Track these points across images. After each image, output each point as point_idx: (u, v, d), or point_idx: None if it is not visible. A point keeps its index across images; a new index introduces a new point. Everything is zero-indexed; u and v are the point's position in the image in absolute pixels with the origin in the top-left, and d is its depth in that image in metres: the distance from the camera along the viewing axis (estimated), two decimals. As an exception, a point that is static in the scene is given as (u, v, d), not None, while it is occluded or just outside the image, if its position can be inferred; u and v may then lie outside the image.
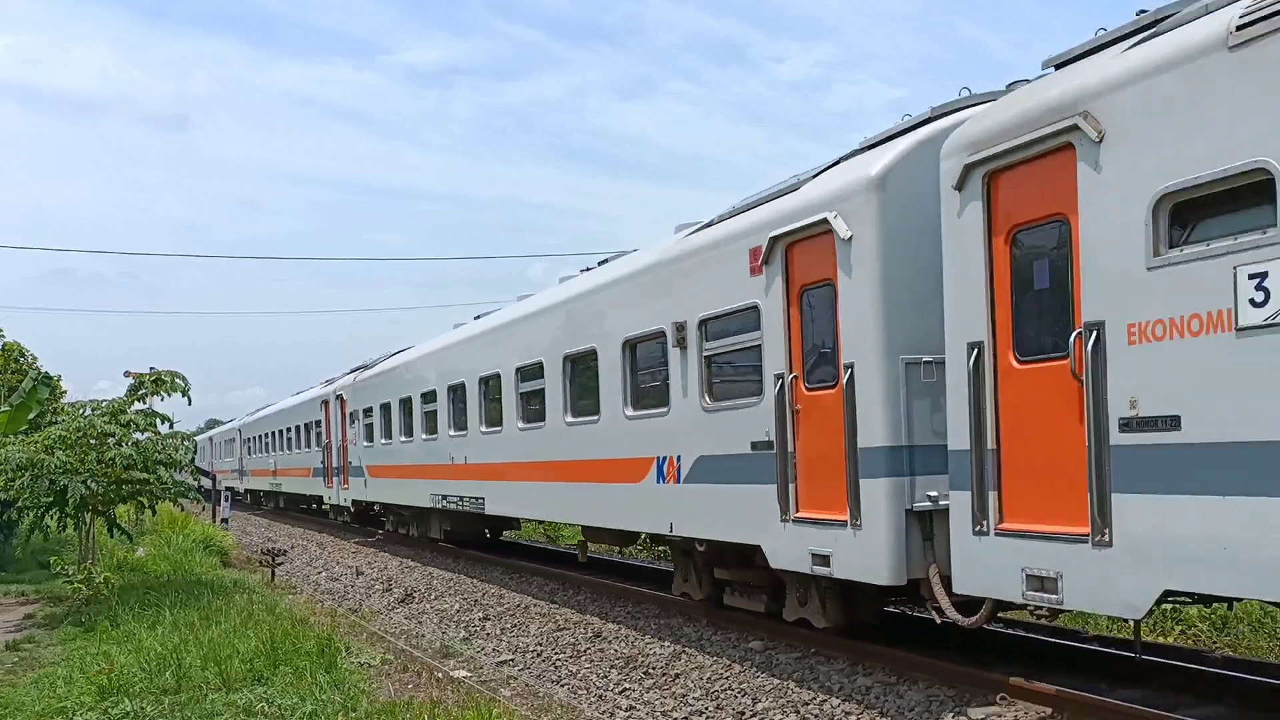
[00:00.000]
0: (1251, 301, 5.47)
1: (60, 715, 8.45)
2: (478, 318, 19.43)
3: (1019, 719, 7.49)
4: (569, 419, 13.76)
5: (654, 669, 10.02)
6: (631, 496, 12.02)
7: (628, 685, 9.58)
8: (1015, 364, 7.12)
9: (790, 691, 8.75)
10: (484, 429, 16.91)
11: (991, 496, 7.20)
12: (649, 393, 11.85)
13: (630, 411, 12.15)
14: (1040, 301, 6.95)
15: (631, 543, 15.19)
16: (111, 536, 17.36)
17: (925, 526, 8.07)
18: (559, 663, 10.78)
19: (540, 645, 11.63)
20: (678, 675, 9.70)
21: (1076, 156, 6.49)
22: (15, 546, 20.45)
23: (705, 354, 10.60)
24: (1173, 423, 5.93)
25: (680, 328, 10.87)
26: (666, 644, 10.97)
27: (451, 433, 18.52)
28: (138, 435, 15.92)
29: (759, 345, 9.64)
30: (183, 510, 27.63)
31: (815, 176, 9.44)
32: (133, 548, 19.85)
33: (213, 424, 78.05)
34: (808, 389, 9.12)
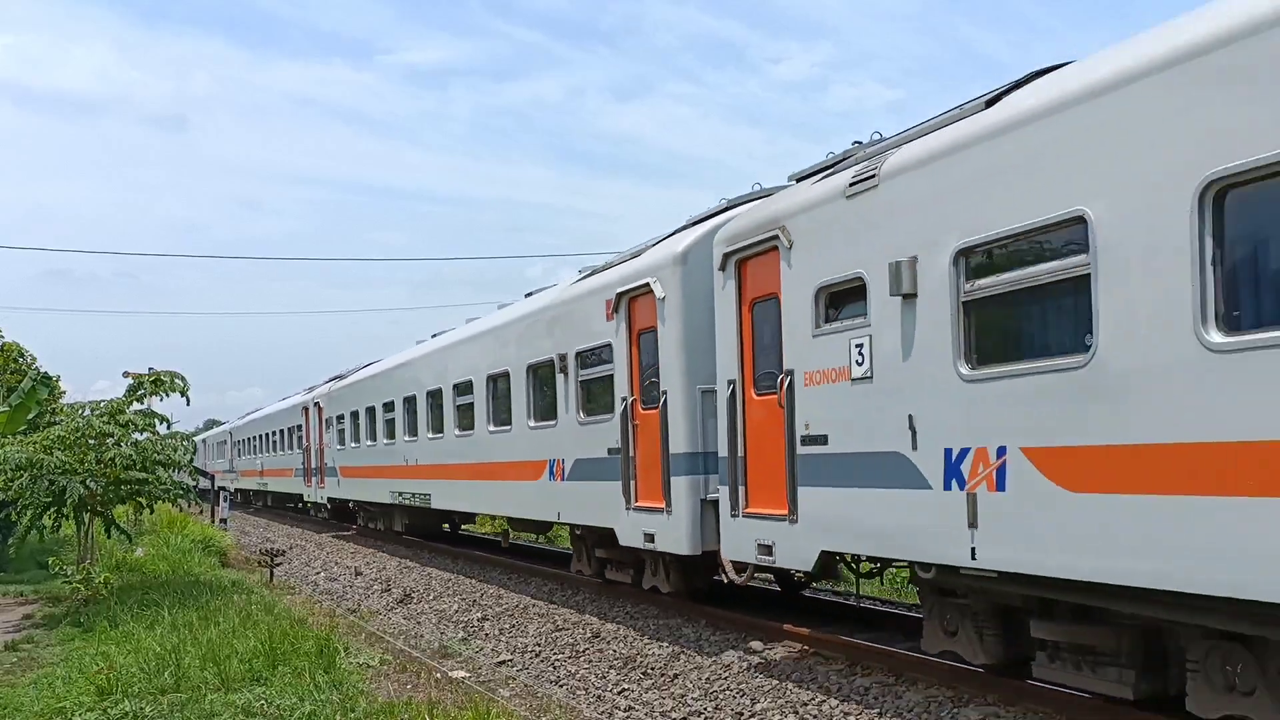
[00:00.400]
0: (856, 361, 8.33)
1: (59, 715, 8.45)
2: (434, 335, 22.37)
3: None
4: (491, 428, 16.70)
5: (653, 669, 10.03)
6: (533, 491, 15.00)
7: (626, 685, 9.59)
8: (754, 396, 9.91)
9: (789, 692, 8.76)
10: (430, 435, 19.92)
11: (740, 490, 10.03)
12: (545, 408, 14.72)
13: (532, 423, 15.07)
14: (766, 354, 9.70)
15: (545, 530, 17.64)
16: (110, 537, 17.35)
17: (715, 512, 10.61)
18: (557, 663, 10.78)
19: (539, 645, 11.64)
20: (676, 675, 9.70)
21: (779, 255, 9.29)
22: (11, 546, 20.43)
23: (580, 379, 13.53)
24: (824, 440, 8.75)
25: (563, 358, 13.83)
26: (665, 644, 10.98)
27: (406, 438, 21.60)
28: (137, 435, 15.92)
29: (612, 374, 12.58)
30: (181, 511, 27.65)
31: (652, 246, 12.36)
32: (131, 548, 19.85)
33: (211, 424, 78.12)
34: (642, 409, 12.01)
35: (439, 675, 9.98)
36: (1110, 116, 6.20)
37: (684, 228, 12.17)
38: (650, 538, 11.72)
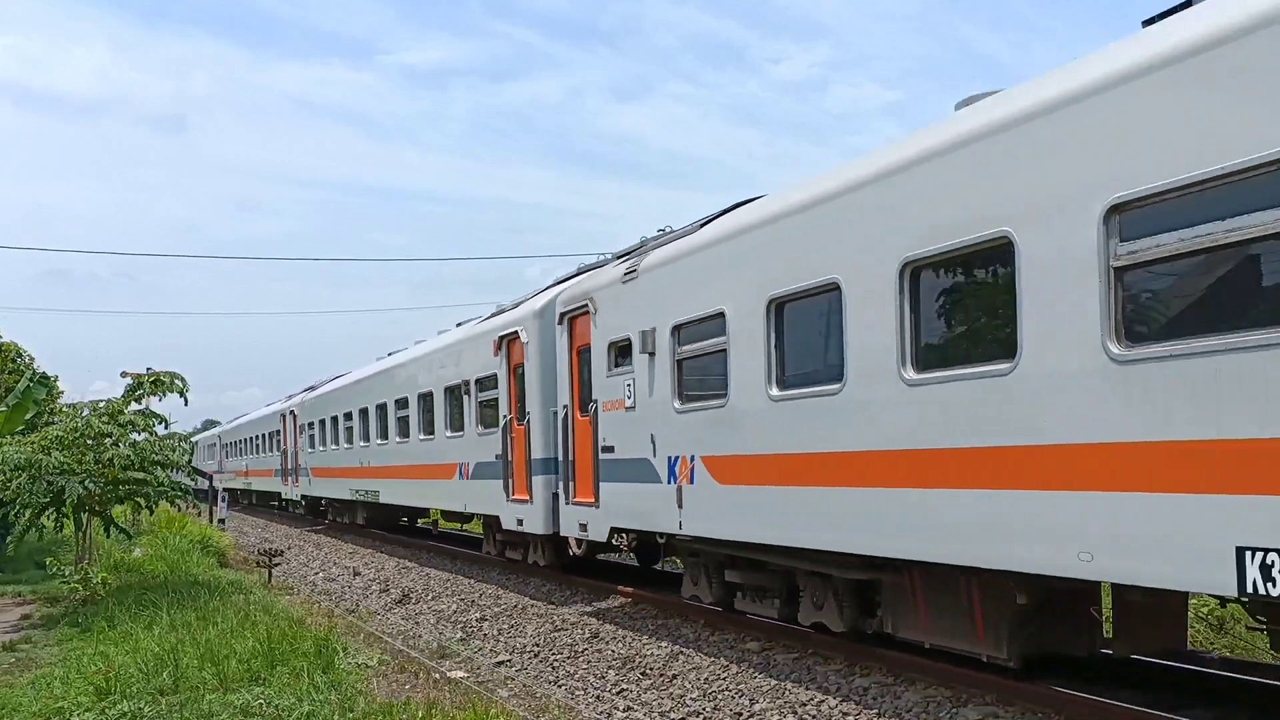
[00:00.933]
0: (626, 395, 11.91)
1: (58, 716, 8.45)
2: (389, 354, 25.79)
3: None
4: (421, 436, 20.55)
5: (651, 669, 10.03)
6: (450, 488, 18.86)
7: (625, 686, 9.59)
8: (579, 417, 13.37)
9: (788, 692, 8.76)
10: (379, 441, 23.79)
11: (570, 485, 13.63)
12: (456, 421, 18.51)
13: (449, 433, 18.86)
14: (585, 387, 13.17)
15: (465, 519, 21.40)
16: (108, 537, 17.34)
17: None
18: (556, 663, 10.77)
19: (537, 646, 11.63)
20: (675, 676, 9.70)
21: (590, 317, 12.86)
22: (9, 546, 20.42)
23: (478, 400, 17.26)
24: (613, 449, 12.32)
25: (466, 383, 17.71)
26: (664, 645, 10.98)
27: (361, 443, 25.47)
28: (135, 436, 15.91)
29: (497, 398, 16.31)
30: (180, 511, 27.63)
31: (527, 299, 16.03)
32: (130, 548, 19.83)
33: (210, 424, 78.11)
34: (517, 424, 15.51)
35: (437, 675, 9.97)
36: (737, 250, 10.04)
37: (550, 286, 16.00)
38: (521, 522, 15.51)
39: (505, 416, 15.93)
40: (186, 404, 17.94)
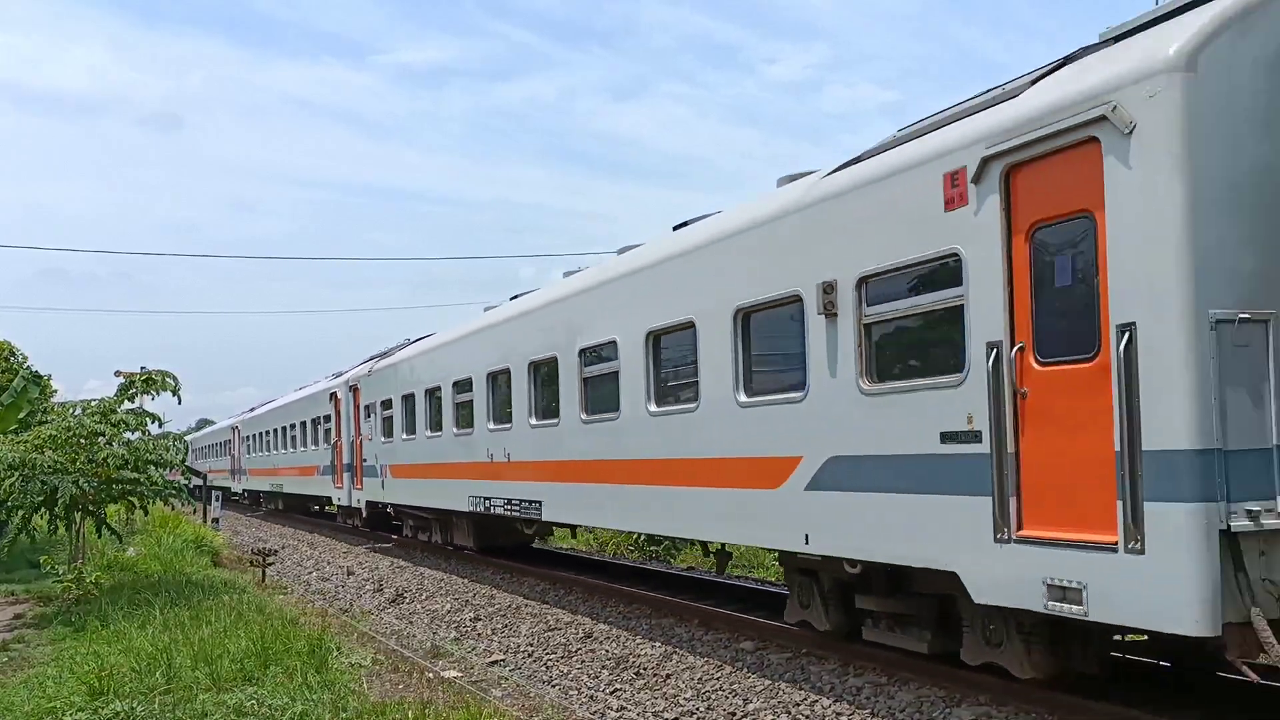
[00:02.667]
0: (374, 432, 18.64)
1: (50, 715, 8.43)
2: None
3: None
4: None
5: (645, 669, 10.03)
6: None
7: (619, 686, 9.59)
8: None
9: (781, 692, 8.77)
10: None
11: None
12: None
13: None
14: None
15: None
16: (101, 536, 17.30)
17: None
18: (550, 663, 10.78)
19: (531, 645, 11.63)
20: (669, 676, 9.70)
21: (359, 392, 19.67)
22: (3, 547, 20.38)
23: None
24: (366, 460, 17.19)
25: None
26: (658, 644, 10.98)
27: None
28: (128, 435, 15.87)
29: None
30: (174, 510, 27.57)
31: (345, 371, 16.92)
32: (123, 548, 19.79)
33: (204, 423, 77.87)
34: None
35: (431, 675, 9.97)
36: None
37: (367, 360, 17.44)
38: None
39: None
40: (180, 403, 17.90)
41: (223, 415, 70.95)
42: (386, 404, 22.28)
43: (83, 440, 14.93)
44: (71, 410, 15.94)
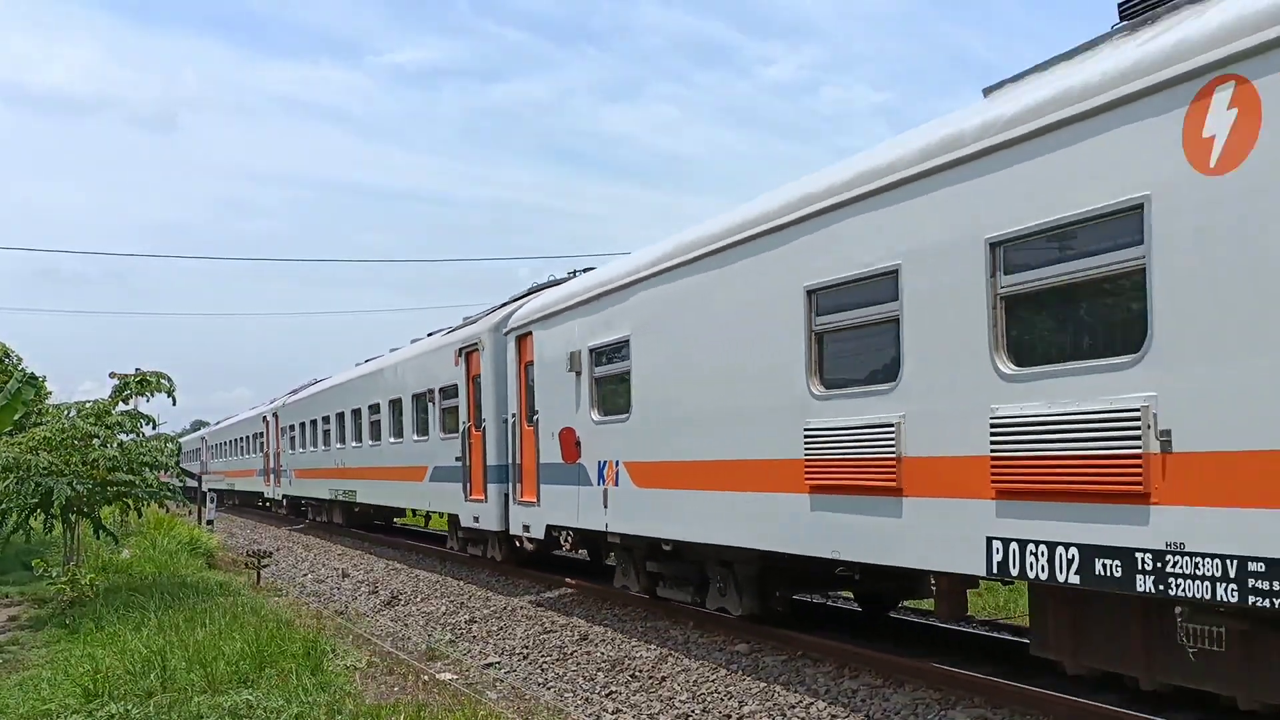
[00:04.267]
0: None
1: (45, 718, 8.42)
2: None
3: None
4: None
5: (640, 672, 10.04)
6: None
7: (614, 688, 9.60)
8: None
9: (776, 694, 8.78)
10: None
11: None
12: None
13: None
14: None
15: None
16: (97, 538, 17.27)
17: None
18: (545, 665, 10.78)
19: (526, 648, 11.63)
20: (664, 678, 9.71)
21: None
22: (1, 547, 20.33)
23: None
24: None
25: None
26: (653, 647, 10.98)
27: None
28: (122, 437, 15.85)
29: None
30: (168, 512, 27.55)
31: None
32: (118, 549, 19.75)
33: (199, 425, 77.82)
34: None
35: (426, 677, 9.96)
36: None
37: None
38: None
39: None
40: (175, 404, 17.90)
41: (216, 416, 70.91)
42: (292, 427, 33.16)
43: (77, 442, 14.91)
44: (66, 412, 15.91)
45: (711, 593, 11.32)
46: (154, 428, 16.94)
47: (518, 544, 15.98)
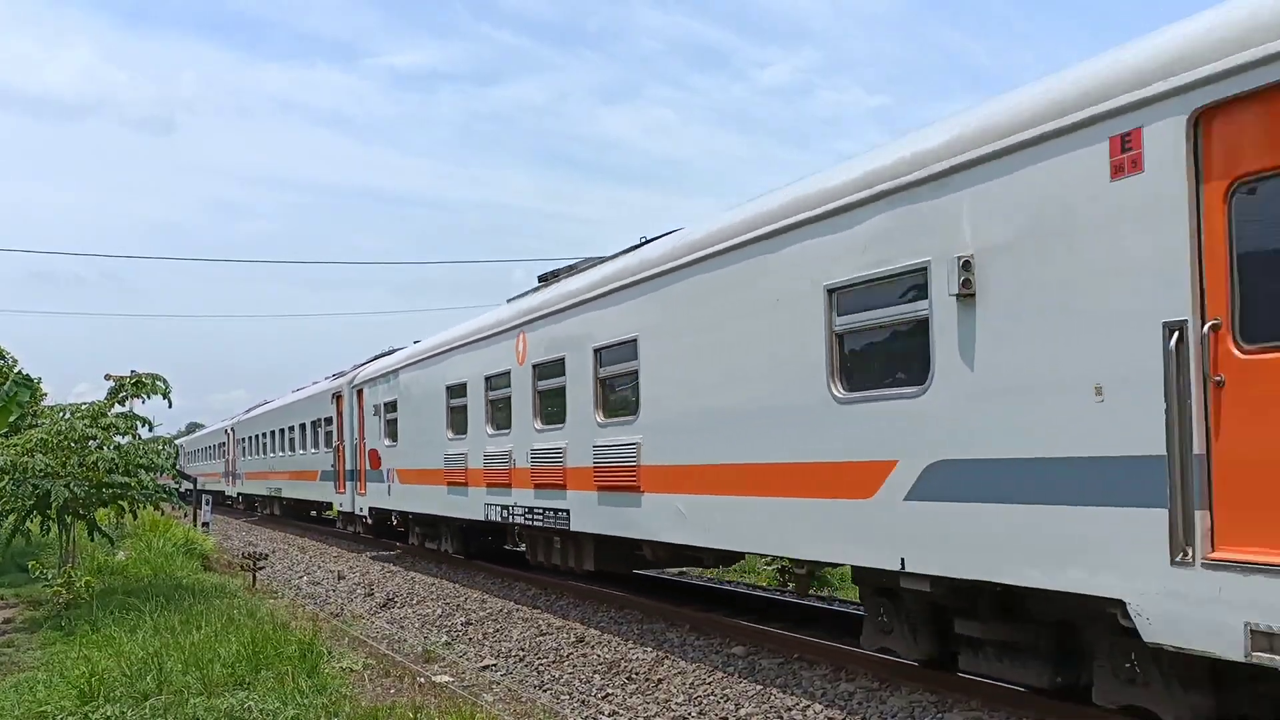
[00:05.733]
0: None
1: (41, 719, 8.41)
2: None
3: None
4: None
5: (637, 674, 10.04)
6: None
7: (611, 690, 9.60)
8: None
9: (773, 697, 8.79)
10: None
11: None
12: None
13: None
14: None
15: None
16: (93, 540, 17.24)
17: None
18: (541, 668, 10.78)
19: (523, 650, 11.63)
20: (660, 680, 9.72)
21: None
22: None
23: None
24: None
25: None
26: (649, 649, 10.99)
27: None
28: (119, 439, 15.82)
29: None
30: (164, 514, 27.51)
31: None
32: (113, 551, 19.72)
33: (194, 427, 77.59)
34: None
35: (423, 680, 9.96)
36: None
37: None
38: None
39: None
40: (170, 406, 17.83)
41: (214, 419, 70.70)
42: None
43: (73, 444, 14.88)
44: (62, 414, 15.87)
45: (441, 541, 20.14)
46: (150, 430, 16.90)
47: (367, 522, 23.46)
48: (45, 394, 28.59)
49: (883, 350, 7.98)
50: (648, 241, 12.23)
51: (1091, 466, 6.02)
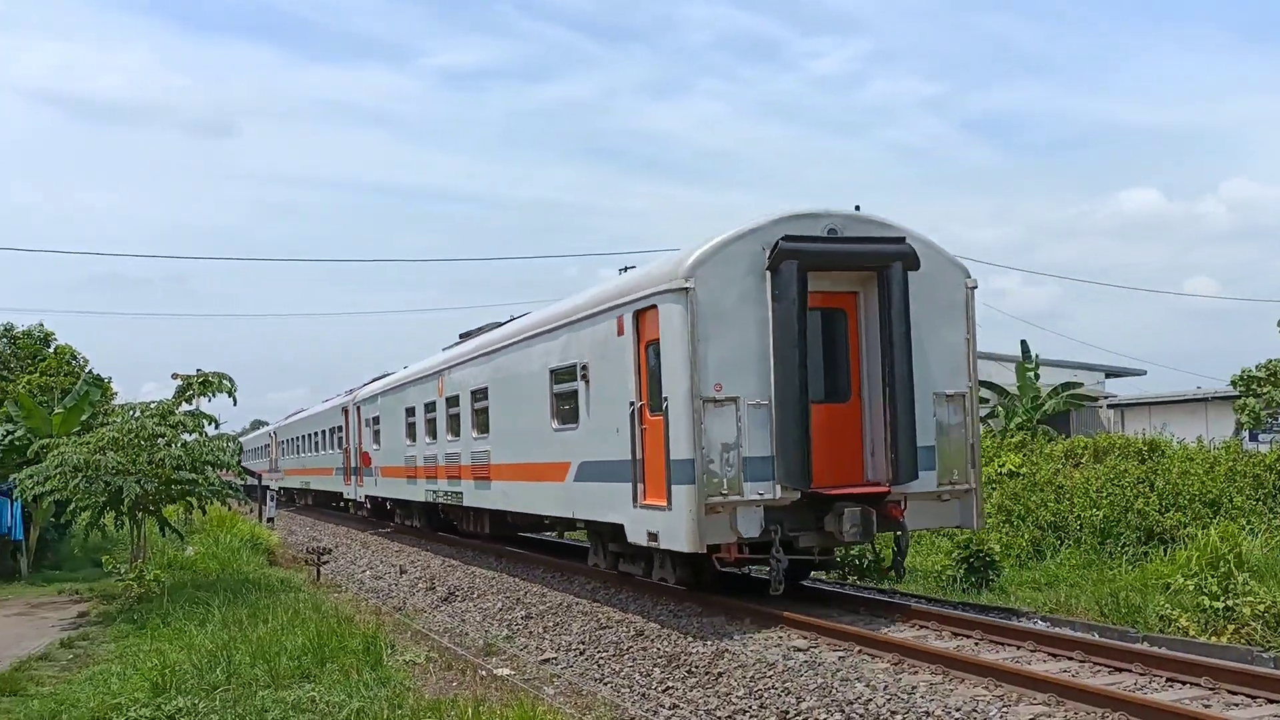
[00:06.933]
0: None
1: (115, 712, 8.61)
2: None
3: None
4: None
5: (697, 668, 10.01)
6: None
7: (671, 684, 9.59)
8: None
9: (835, 690, 8.70)
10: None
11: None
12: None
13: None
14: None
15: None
16: (163, 535, 17.63)
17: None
18: (602, 661, 10.80)
19: (583, 644, 11.66)
20: (721, 674, 9.68)
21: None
22: (72, 545, 20.86)
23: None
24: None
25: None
26: (709, 643, 10.95)
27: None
28: (186, 436, 16.16)
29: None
30: (230, 510, 28.07)
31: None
32: (182, 547, 20.16)
33: (258, 424, 79.05)
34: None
35: (484, 673, 10.04)
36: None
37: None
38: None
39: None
40: (235, 404, 18.18)
41: (275, 415, 72.14)
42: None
43: (143, 441, 15.22)
44: (131, 412, 16.24)
45: (412, 519, 26.42)
46: (216, 427, 17.23)
47: (367, 507, 30.06)
48: (115, 393, 29.39)
49: (567, 403, 14.55)
50: (498, 325, 19.59)
51: (616, 464, 12.69)
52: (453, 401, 20.17)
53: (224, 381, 16.69)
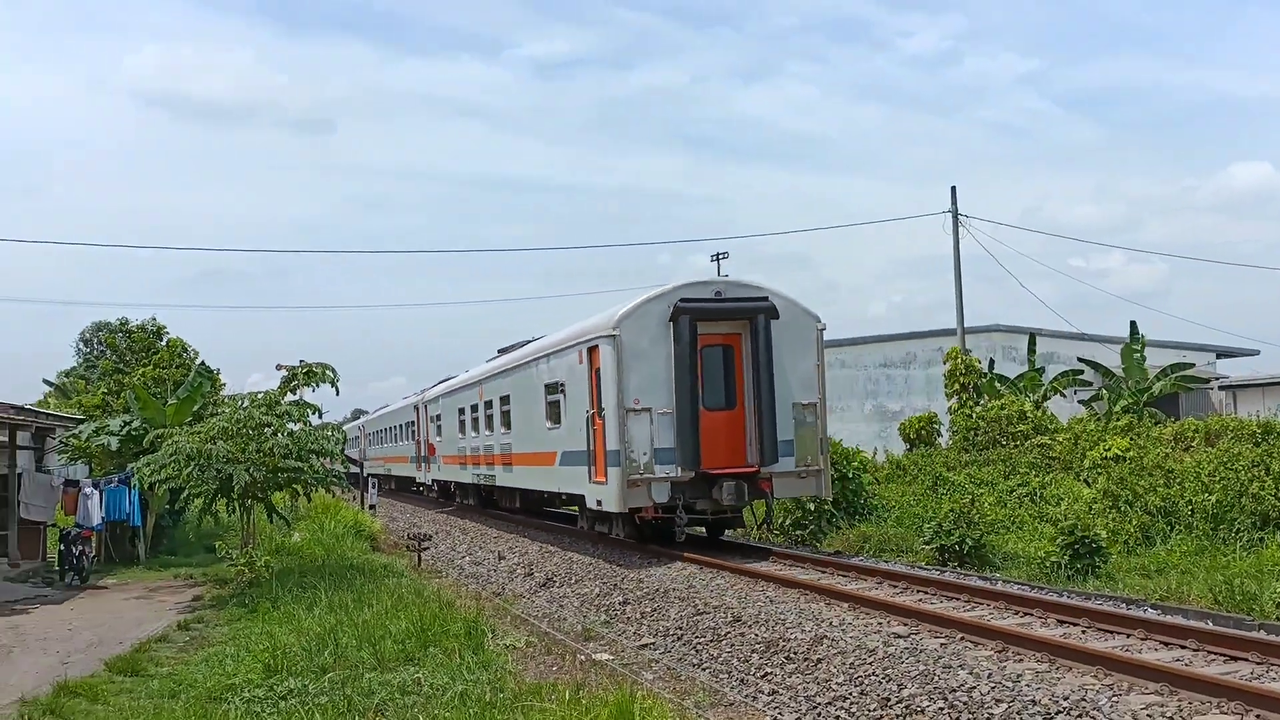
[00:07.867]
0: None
1: (231, 691, 8.92)
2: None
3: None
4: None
5: (795, 654, 9.95)
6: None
7: (769, 670, 9.55)
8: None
9: (936, 678, 8.56)
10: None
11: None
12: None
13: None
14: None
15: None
16: (271, 522, 18.18)
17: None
18: (700, 646, 10.81)
19: (680, 629, 11.69)
20: (820, 660, 9.60)
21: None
22: (188, 531, 21.67)
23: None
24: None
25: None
26: (807, 628, 10.88)
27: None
28: (291, 425, 16.63)
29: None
30: (334, 497, 28.82)
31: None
32: (289, 533, 20.77)
33: (359, 414, 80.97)
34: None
35: (583, 657, 10.13)
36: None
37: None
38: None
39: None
40: (338, 394, 18.67)
41: (373, 405, 73.95)
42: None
43: (251, 431, 15.70)
44: (240, 403, 16.77)
45: (467, 498, 30.95)
46: (319, 417, 17.70)
47: (435, 489, 36.17)
48: (224, 384, 30.38)
49: (555, 409, 19.08)
50: (524, 343, 24.11)
51: (581, 453, 17.33)
52: (489, 405, 25.52)
53: (327, 372, 17.14)
